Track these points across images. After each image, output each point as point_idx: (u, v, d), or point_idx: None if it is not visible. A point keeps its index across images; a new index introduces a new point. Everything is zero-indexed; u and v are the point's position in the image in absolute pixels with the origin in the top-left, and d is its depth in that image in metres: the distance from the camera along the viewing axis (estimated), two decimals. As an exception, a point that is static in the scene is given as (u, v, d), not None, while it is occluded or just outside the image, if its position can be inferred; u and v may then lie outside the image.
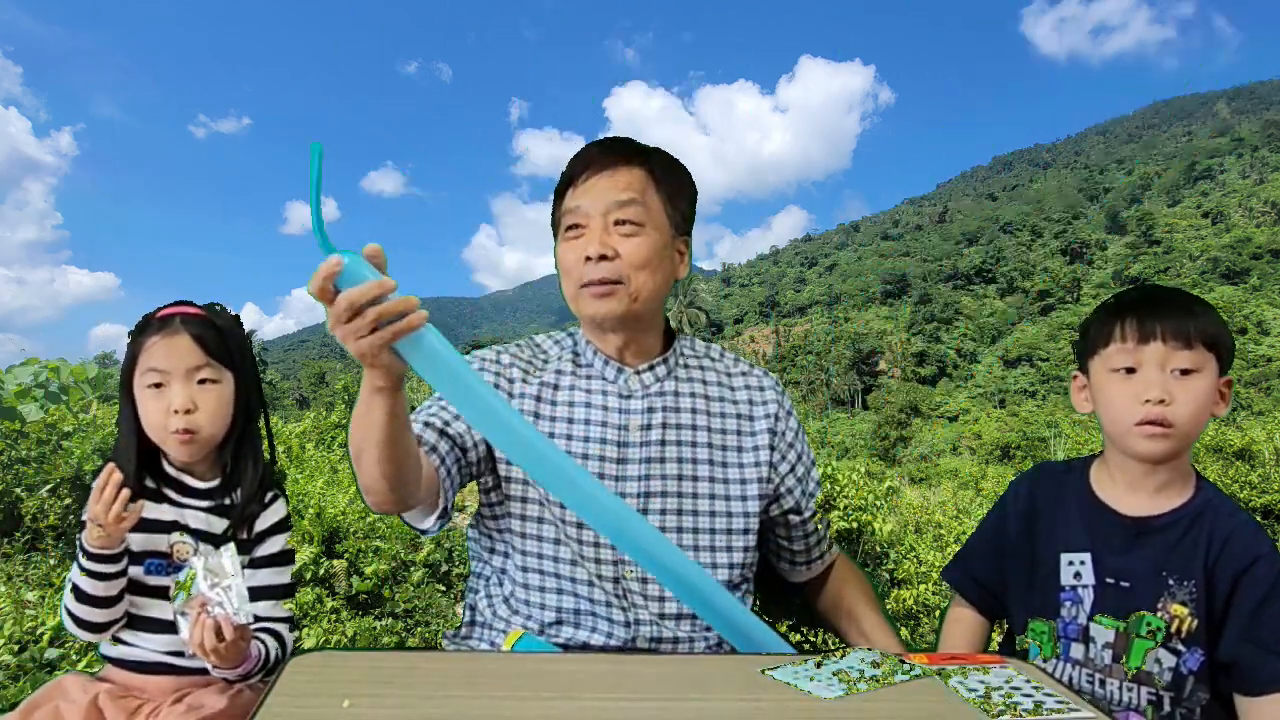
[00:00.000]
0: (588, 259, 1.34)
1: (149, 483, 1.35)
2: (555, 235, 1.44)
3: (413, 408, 1.30)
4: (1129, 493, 1.29)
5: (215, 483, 1.38)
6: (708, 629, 1.37)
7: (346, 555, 5.17)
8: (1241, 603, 1.19)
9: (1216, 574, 1.21)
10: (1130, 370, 1.24)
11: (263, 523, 1.39)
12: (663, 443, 1.40)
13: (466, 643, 1.45)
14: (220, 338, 1.35)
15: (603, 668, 1.07)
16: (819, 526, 1.55)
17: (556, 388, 1.43)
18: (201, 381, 1.32)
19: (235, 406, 1.37)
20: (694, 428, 1.43)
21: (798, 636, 1.73)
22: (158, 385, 1.31)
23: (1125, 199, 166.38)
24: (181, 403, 1.30)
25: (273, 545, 1.39)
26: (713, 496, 1.40)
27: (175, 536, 1.34)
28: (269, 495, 1.40)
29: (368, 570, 5.04)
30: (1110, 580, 1.27)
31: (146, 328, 1.34)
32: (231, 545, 1.21)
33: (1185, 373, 1.21)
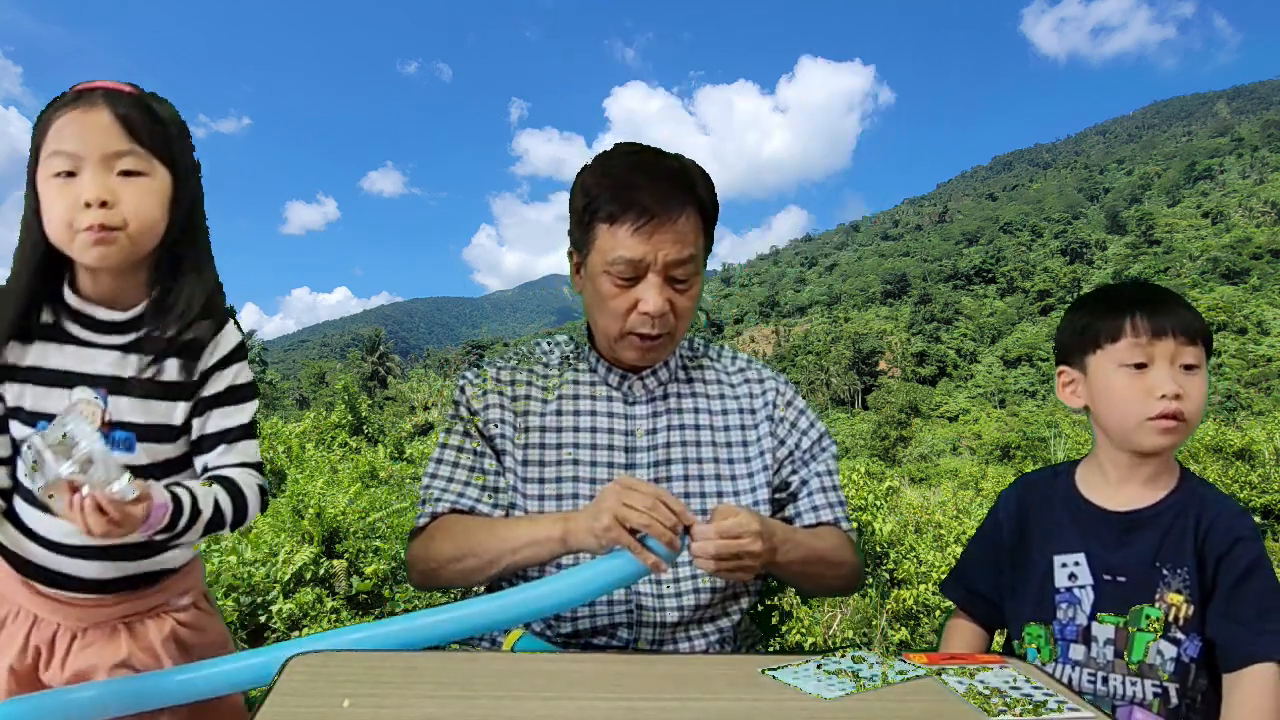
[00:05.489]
0: (644, 312, 1.30)
1: (45, 317, 1.09)
2: (583, 246, 1.35)
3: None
4: (1119, 488, 1.31)
5: (137, 310, 1.11)
6: (712, 633, 1.38)
7: (346, 555, 5.17)
8: (1223, 583, 1.22)
9: (1205, 557, 1.24)
10: (1141, 365, 1.25)
11: (210, 357, 1.14)
12: (668, 444, 1.40)
13: (466, 642, 1.45)
14: (152, 121, 1.07)
15: (603, 668, 1.06)
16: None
17: (575, 399, 1.42)
18: (125, 173, 1.05)
19: (172, 211, 1.09)
20: (698, 427, 1.43)
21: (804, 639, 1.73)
22: (68, 174, 1.03)
23: (1125, 199, 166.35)
24: (95, 193, 1.02)
25: (218, 382, 1.15)
26: (720, 494, 1.39)
27: (80, 394, 1.08)
28: (214, 323, 1.13)
29: (368, 570, 5.04)
30: (1107, 577, 1.28)
31: (58, 102, 1.06)
32: (78, 406, 1.01)
33: (1191, 368, 1.25)
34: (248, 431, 1.18)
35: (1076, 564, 1.30)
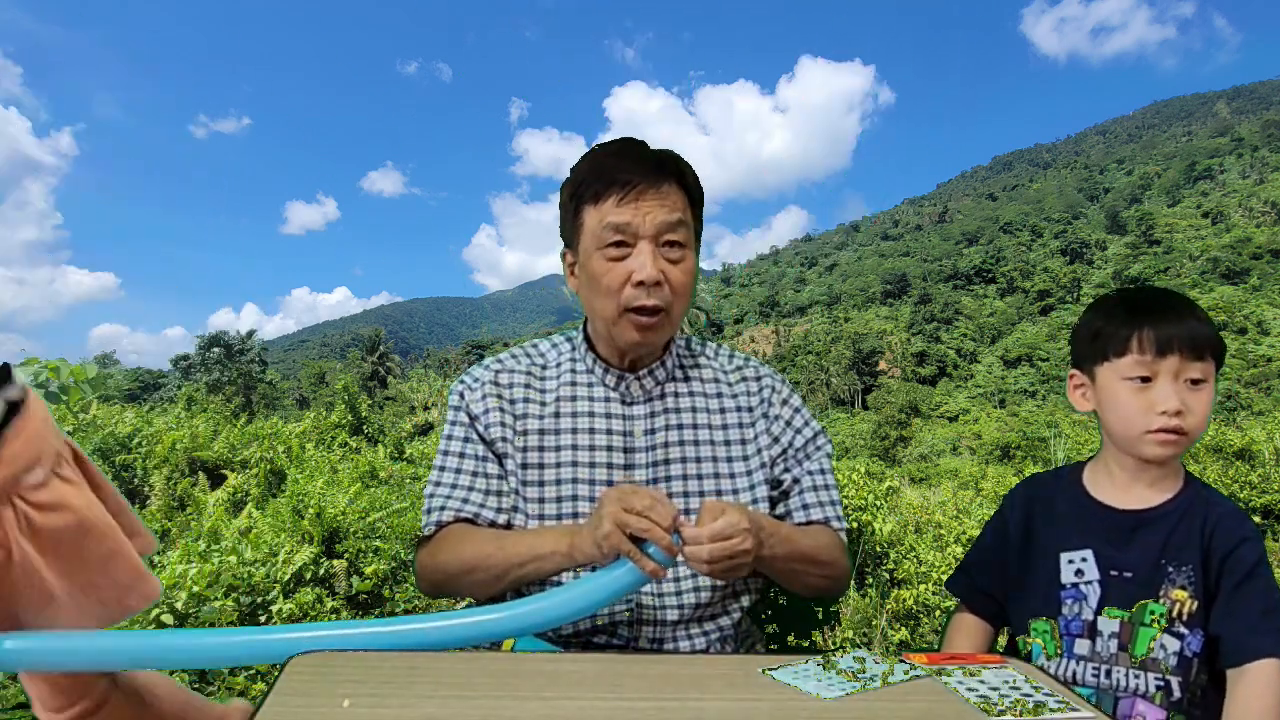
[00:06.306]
0: (640, 283, 1.30)
1: None
2: (573, 237, 1.37)
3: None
4: (1126, 488, 1.34)
5: None
6: (713, 632, 1.38)
7: (346, 555, 5.17)
8: (1226, 582, 1.25)
9: (1210, 556, 1.27)
10: (1145, 379, 1.28)
11: None
12: (666, 445, 1.40)
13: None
14: None
15: (603, 668, 1.06)
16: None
17: (574, 400, 1.42)
18: None
19: None
20: (695, 427, 1.42)
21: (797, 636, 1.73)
22: None
23: (1125, 199, 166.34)
24: None
25: None
26: (719, 494, 1.39)
27: None
28: None
29: (368, 570, 5.05)
30: (1114, 572, 1.31)
31: None
32: None
33: (1197, 383, 1.27)
34: None
35: (1084, 560, 1.33)
